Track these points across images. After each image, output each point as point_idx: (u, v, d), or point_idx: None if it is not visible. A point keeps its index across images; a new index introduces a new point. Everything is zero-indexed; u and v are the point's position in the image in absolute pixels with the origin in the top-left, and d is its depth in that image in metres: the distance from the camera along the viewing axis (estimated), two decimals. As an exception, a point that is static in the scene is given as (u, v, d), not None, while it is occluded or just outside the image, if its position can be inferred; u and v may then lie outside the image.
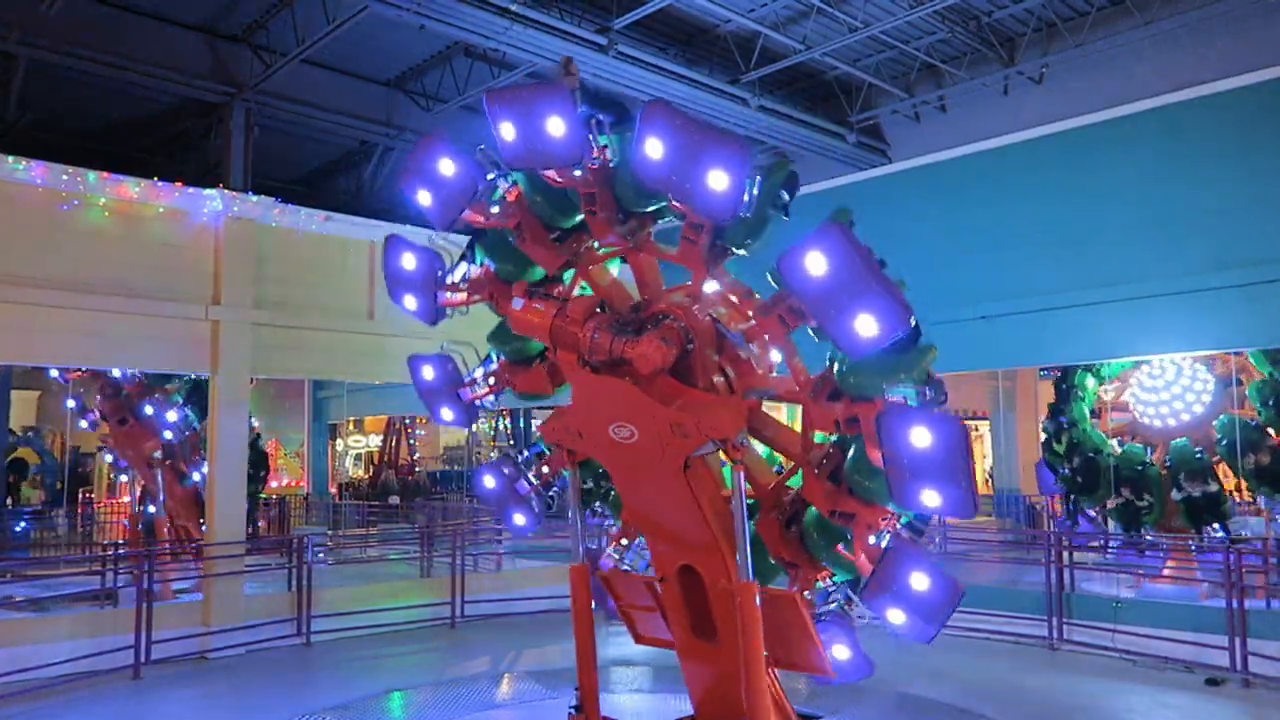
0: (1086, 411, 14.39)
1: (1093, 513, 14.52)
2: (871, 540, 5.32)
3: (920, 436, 4.72)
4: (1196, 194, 11.71)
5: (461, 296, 6.54)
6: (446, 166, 5.98)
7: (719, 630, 5.77)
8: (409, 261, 6.57)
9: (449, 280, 6.55)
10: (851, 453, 5.38)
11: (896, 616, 5.27)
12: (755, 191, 5.11)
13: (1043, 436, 15.35)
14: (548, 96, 5.32)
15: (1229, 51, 14.83)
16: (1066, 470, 14.28)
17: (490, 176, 6.03)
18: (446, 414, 6.89)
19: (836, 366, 5.40)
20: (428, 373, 6.86)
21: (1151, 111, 12.31)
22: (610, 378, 5.58)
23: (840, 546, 5.54)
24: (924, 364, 5.11)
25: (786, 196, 5.45)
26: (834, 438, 5.59)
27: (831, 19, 16.31)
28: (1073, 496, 14.52)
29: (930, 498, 4.79)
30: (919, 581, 5.13)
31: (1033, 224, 13.24)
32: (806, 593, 5.69)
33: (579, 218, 6.12)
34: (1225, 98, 11.60)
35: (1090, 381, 14.41)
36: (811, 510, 5.61)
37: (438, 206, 6.15)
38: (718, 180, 4.93)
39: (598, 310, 5.86)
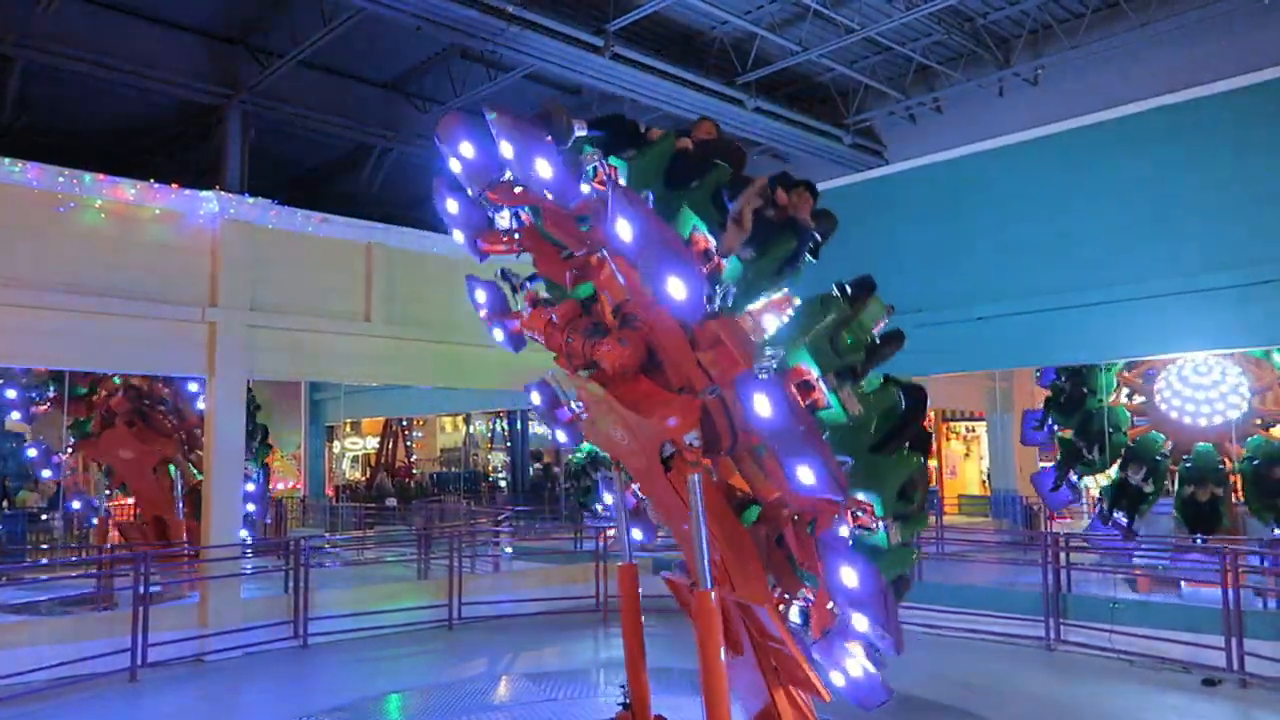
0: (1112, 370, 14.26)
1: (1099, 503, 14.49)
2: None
3: (762, 405, 4.43)
4: (1193, 194, 11.72)
5: (503, 247, 6.54)
6: (466, 149, 5.94)
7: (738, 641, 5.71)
8: (452, 206, 6.56)
9: (493, 227, 6.54)
10: None
11: (838, 678, 5.11)
12: (728, 295, 4.93)
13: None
14: (536, 141, 5.16)
15: (1226, 52, 14.85)
16: (1059, 379, 14.28)
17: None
18: (498, 335, 6.91)
19: None
20: (480, 296, 6.89)
21: (1147, 112, 12.32)
22: (591, 381, 5.58)
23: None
24: (852, 332, 4.87)
25: (821, 239, 5.32)
26: None
27: (827, 21, 16.33)
28: (1049, 411, 14.61)
29: (805, 474, 4.49)
30: (860, 622, 4.83)
31: (1029, 225, 13.24)
32: (783, 606, 5.54)
33: None
34: (1222, 98, 11.61)
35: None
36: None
37: (466, 181, 6.20)
38: (675, 288, 4.75)
39: (580, 315, 5.89)
